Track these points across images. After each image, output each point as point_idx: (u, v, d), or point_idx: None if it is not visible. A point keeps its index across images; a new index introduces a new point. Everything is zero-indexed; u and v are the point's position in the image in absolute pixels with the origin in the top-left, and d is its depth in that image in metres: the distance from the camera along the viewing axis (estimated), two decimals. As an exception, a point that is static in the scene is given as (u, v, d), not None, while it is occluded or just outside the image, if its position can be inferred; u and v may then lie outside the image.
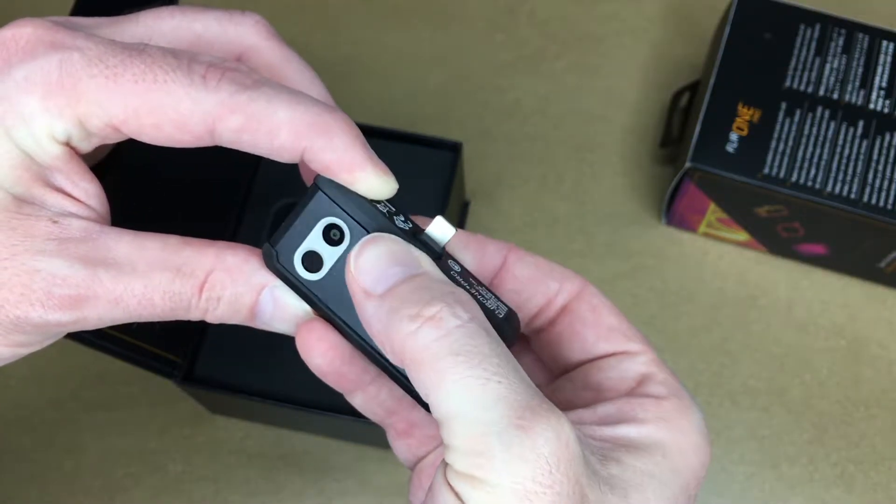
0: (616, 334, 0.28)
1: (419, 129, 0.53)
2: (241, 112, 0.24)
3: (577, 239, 0.52)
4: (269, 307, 0.26)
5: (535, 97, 0.56)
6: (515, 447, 0.21)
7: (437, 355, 0.22)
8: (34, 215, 0.24)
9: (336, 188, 0.25)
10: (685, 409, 0.27)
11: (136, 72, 0.24)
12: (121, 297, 0.24)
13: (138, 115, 0.24)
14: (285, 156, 0.25)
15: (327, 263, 0.25)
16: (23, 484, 0.47)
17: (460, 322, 0.22)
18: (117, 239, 0.25)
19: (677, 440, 0.26)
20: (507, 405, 0.21)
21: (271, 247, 0.26)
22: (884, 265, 0.49)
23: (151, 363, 0.41)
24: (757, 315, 0.51)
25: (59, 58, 0.24)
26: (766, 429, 0.48)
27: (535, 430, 0.21)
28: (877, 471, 0.47)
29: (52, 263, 0.24)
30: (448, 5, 0.59)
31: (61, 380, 0.50)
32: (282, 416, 0.46)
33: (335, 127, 0.25)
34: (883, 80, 0.48)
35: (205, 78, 0.24)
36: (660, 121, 0.56)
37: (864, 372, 0.49)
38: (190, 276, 0.25)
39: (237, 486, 0.47)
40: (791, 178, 0.46)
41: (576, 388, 0.29)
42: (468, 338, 0.22)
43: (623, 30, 0.58)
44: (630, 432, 0.25)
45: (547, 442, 0.21)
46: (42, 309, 0.24)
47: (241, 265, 0.25)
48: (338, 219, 0.25)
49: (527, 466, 0.21)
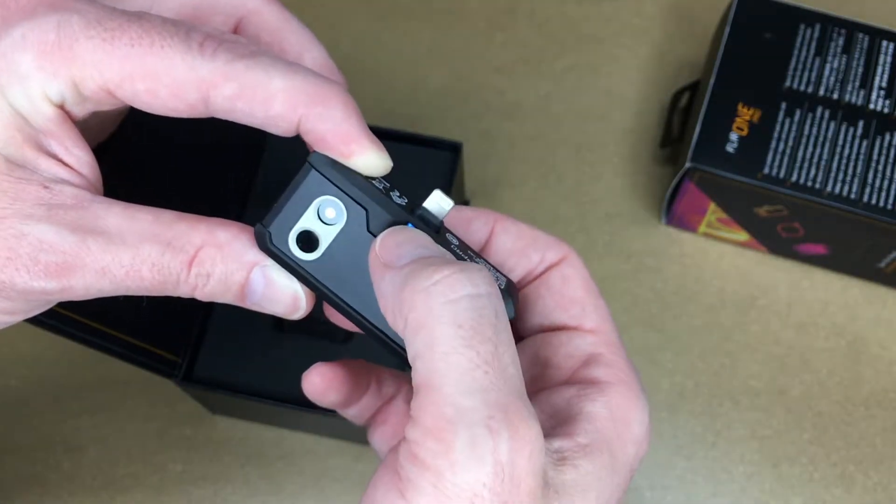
0: (575, 306, 0.27)
1: (419, 129, 0.53)
2: (236, 80, 0.24)
3: (577, 239, 0.52)
4: (260, 286, 0.25)
5: (535, 97, 0.56)
6: (478, 446, 0.20)
7: (439, 319, 0.21)
8: (25, 178, 0.24)
9: (330, 166, 0.25)
10: (632, 398, 0.26)
11: (132, 36, 0.23)
12: (108, 267, 0.24)
13: (133, 80, 0.24)
14: (281, 125, 0.24)
15: (324, 242, 0.25)
16: (23, 484, 0.47)
17: (475, 291, 0.22)
18: (108, 208, 0.24)
19: (621, 435, 0.25)
20: (484, 399, 0.21)
21: (264, 227, 0.25)
22: (884, 265, 0.49)
23: (151, 363, 0.41)
24: (757, 315, 0.51)
25: (57, 18, 0.24)
26: (766, 429, 0.48)
27: (502, 434, 0.21)
28: (877, 471, 0.47)
29: (39, 228, 0.23)
30: (448, 5, 0.59)
31: (61, 380, 0.50)
32: (282, 416, 0.46)
33: (333, 98, 0.24)
34: (883, 80, 0.48)
35: (202, 45, 0.24)
36: (660, 121, 0.56)
37: (864, 372, 0.49)
38: (180, 250, 0.24)
39: (237, 486, 0.47)
40: (791, 178, 0.46)
41: (525, 360, 0.28)
42: (475, 310, 0.22)
43: (623, 30, 0.58)
44: (583, 428, 0.24)
45: (510, 450, 0.21)
46: (27, 274, 0.24)
47: (231, 242, 0.25)
48: (333, 197, 0.25)
49: (482, 469, 0.20)
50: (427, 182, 0.46)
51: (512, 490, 0.21)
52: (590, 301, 0.28)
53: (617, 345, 0.27)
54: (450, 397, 0.21)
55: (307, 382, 0.29)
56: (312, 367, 0.29)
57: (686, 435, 0.48)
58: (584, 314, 0.27)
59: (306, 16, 0.30)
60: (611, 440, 0.24)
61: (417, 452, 0.21)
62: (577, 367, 0.27)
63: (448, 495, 0.21)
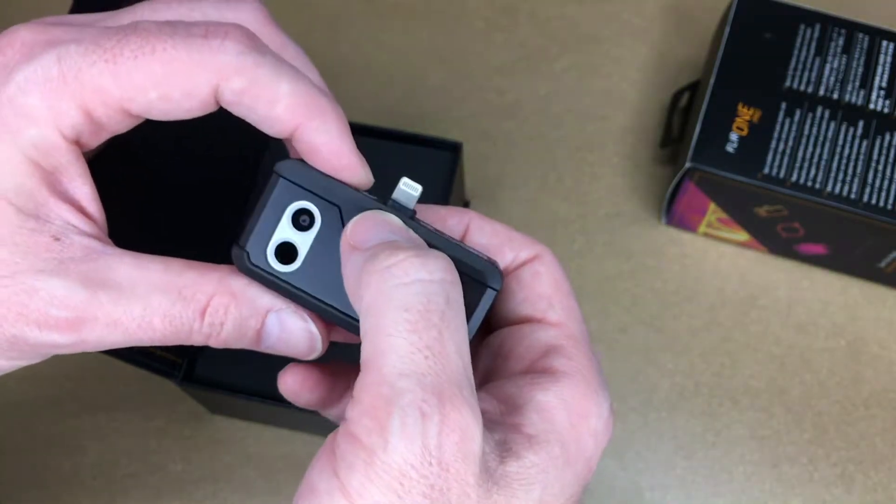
0: (542, 301, 0.27)
1: (419, 129, 0.53)
2: (246, 75, 0.24)
3: (577, 239, 0.52)
4: (276, 331, 0.26)
5: (535, 97, 0.56)
6: (408, 427, 0.21)
7: (388, 302, 0.22)
8: (37, 230, 0.24)
9: (297, 171, 0.25)
10: (589, 390, 0.25)
11: (133, 48, 0.23)
12: (119, 320, 0.24)
13: (144, 90, 0.24)
14: (277, 128, 0.25)
15: (302, 251, 0.25)
16: (23, 484, 0.47)
17: (427, 277, 0.22)
18: (119, 260, 0.25)
19: (576, 426, 0.25)
20: (420, 382, 0.21)
21: (241, 248, 0.25)
22: (884, 265, 0.49)
23: (151, 363, 0.41)
24: (757, 315, 0.51)
25: (56, 53, 0.24)
26: (766, 429, 0.48)
27: (432, 418, 0.21)
28: (877, 471, 0.47)
29: (51, 284, 0.24)
30: (448, 5, 0.59)
31: (61, 380, 0.50)
32: (282, 416, 0.46)
33: (330, 112, 0.25)
34: (883, 80, 0.48)
35: (206, 38, 0.24)
36: (660, 121, 0.56)
37: (864, 372, 0.49)
38: (191, 299, 0.24)
39: (237, 486, 0.47)
40: (791, 178, 0.46)
41: (490, 352, 0.28)
42: (425, 295, 0.22)
43: (623, 30, 0.58)
44: (531, 419, 0.24)
45: (439, 433, 0.21)
46: (38, 329, 0.24)
47: (244, 290, 0.25)
48: (306, 202, 0.25)
49: (411, 450, 0.21)
50: (427, 182, 0.46)
51: (440, 474, 0.21)
52: (557, 298, 0.28)
53: (579, 340, 0.27)
54: (388, 377, 0.21)
55: (281, 382, 0.29)
56: (287, 368, 0.29)
57: (686, 435, 0.48)
58: (549, 308, 0.27)
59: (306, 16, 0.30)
60: (563, 432, 0.24)
61: (353, 430, 0.22)
62: (536, 357, 0.27)
63: (378, 473, 0.21)
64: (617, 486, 0.47)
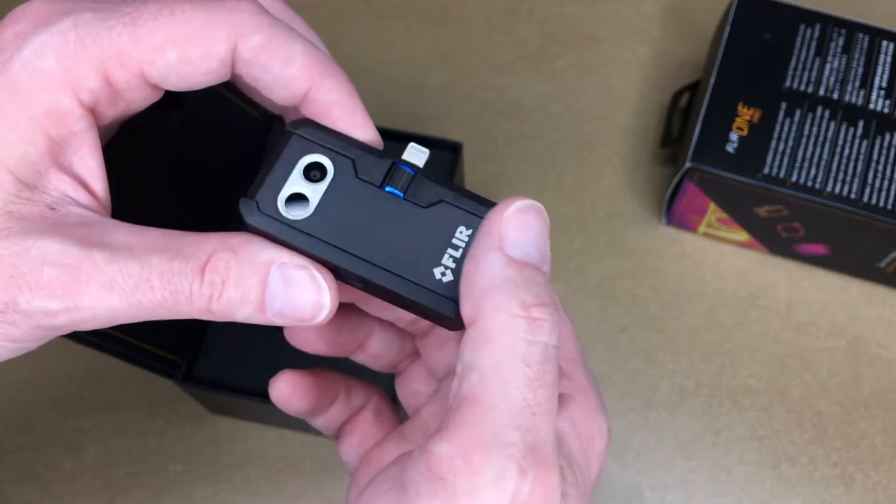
0: None
1: (419, 129, 0.53)
2: (263, 33, 0.24)
3: (577, 239, 0.52)
4: (280, 289, 0.24)
5: (535, 97, 0.56)
6: (504, 480, 0.20)
7: (511, 350, 0.21)
8: (33, 200, 0.24)
9: (310, 128, 0.25)
10: (592, 411, 0.25)
11: (152, 10, 0.24)
12: (115, 280, 0.22)
13: (163, 52, 0.24)
14: (291, 88, 0.25)
15: (314, 200, 0.24)
16: (23, 484, 0.47)
17: (549, 343, 0.22)
18: (115, 227, 0.24)
19: (587, 452, 0.24)
20: (524, 438, 0.21)
21: (250, 199, 0.24)
22: (884, 265, 0.49)
23: (151, 363, 0.41)
24: (757, 315, 0.51)
25: (72, 19, 0.23)
26: (766, 429, 0.48)
27: (528, 475, 0.21)
28: (877, 471, 0.47)
29: (43, 242, 0.23)
30: (448, 5, 0.59)
31: (61, 380, 0.50)
32: (282, 416, 0.46)
33: (340, 74, 0.25)
34: (883, 80, 0.48)
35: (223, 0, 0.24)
36: (660, 121, 0.56)
37: (864, 372, 0.49)
38: (190, 256, 0.23)
39: (237, 486, 0.47)
40: (791, 178, 0.46)
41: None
42: (545, 358, 0.22)
43: (623, 30, 0.58)
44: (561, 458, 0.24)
45: (531, 492, 0.21)
46: (30, 292, 0.22)
47: (245, 245, 0.24)
48: (318, 154, 0.25)
49: (499, 502, 0.20)
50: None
51: None
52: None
53: (576, 359, 0.27)
54: (494, 424, 0.21)
55: (274, 389, 0.29)
56: (280, 374, 0.29)
57: (686, 435, 0.48)
58: None
59: (306, 16, 0.30)
60: (577, 459, 0.24)
61: (439, 468, 0.21)
62: None
63: None
64: (617, 486, 0.47)
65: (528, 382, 0.21)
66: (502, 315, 0.22)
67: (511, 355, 0.21)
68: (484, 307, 0.22)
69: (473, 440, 0.21)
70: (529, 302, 0.22)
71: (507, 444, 0.21)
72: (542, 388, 0.21)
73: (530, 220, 0.23)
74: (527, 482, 0.21)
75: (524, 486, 0.21)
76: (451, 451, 0.21)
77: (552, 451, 0.22)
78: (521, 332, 0.22)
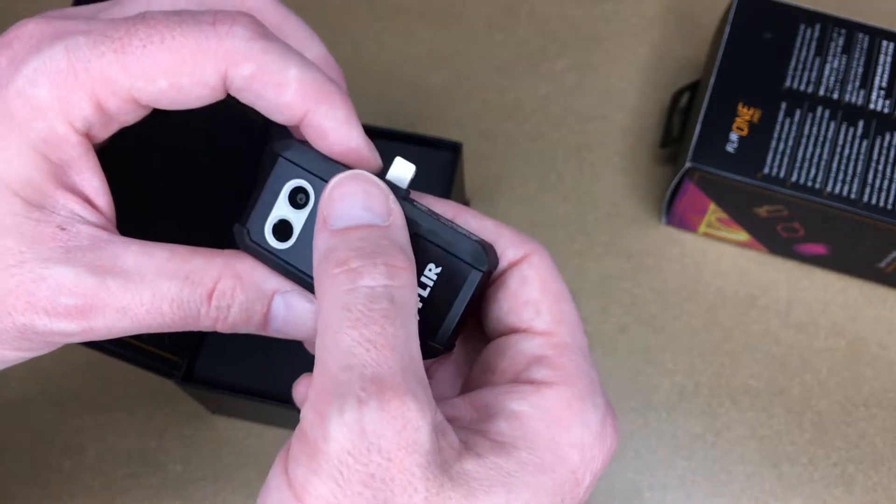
0: (528, 309, 0.26)
1: (419, 129, 0.53)
2: (255, 60, 0.24)
3: (577, 239, 0.52)
4: (282, 312, 0.26)
5: (535, 97, 0.56)
6: (346, 414, 0.20)
7: (333, 304, 0.22)
8: (43, 220, 0.24)
9: (295, 150, 0.25)
10: (573, 400, 0.24)
11: (141, 37, 0.24)
12: (128, 307, 0.24)
13: (154, 79, 0.24)
14: (286, 114, 0.25)
15: (297, 228, 0.25)
16: (23, 484, 0.47)
17: (374, 284, 0.22)
18: (125, 248, 0.25)
19: (556, 437, 0.23)
20: (360, 373, 0.21)
21: (242, 226, 0.25)
22: (884, 265, 0.49)
23: (151, 363, 0.41)
24: (757, 315, 0.51)
25: (63, 45, 0.24)
26: (765, 429, 0.48)
27: (370, 404, 0.21)
28: (877, 471, 0.47)
29: (58, 271, 0.24)
30: (448, 5, 0.59)
31: (61, 380, 0.50)
32: (282, 416, 0.46)
33: (338, 97, 0.25)
34: (883, 80, 0.48)
35: (214, 25, 0.24)
36: (660, 121, 0.56)
37: (864, 372, 0.49)
38: (198, 283, 0.25)
39: (237, 486, 0.47)
40: (791, 178, 0.46)
41: (480, 365, 0.27)
42: (368, 298, 0.22)
43: (623, 30, 0.58)
44: (500, 427, 0.23)
45: (379, 420, 0.21)
46: (47, 318, 0.24)
47: (250, 272, 0.25)
48: (302, 180, 0.25)
49: (348, 437, 0.20)
50: (427, 182, 0.46)
51: (381, 462, 0.21)
52: (546, 302, 0.26)
53: (569, 346, 0.26)
54: (330, 371, 0.21)
55: (297, 392, 0.29)
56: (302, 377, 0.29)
57: (686, 435, 0.48)
58: (536, 316, 0.26)
59: (307, 16, 0.30)
60: (535, 440, 0.23)
61: (302, 426, 0.22)
62: (519, 370, 0.25)
63: (319, 463, 0.21)
64: (617, 486, 0.47)
65: (352, 324, 0.22)
66: (324, 280, 0.23)
67: (333, 308, 0.22)
68: (316, 284, 0.23)
69: (319, 393, 0.21)
70: (346, 257, 0.23)
71: (342, 382, 0.21)
72: (372, 325, 0.22)
73: (346, 189, 0.24)
74: (369, 410, 0.21)
75: (368, 415, 0.21)
76: (306, 409, 0.22)
77: (402, 379, 0.21)
78: (340, 285, 0.22)
